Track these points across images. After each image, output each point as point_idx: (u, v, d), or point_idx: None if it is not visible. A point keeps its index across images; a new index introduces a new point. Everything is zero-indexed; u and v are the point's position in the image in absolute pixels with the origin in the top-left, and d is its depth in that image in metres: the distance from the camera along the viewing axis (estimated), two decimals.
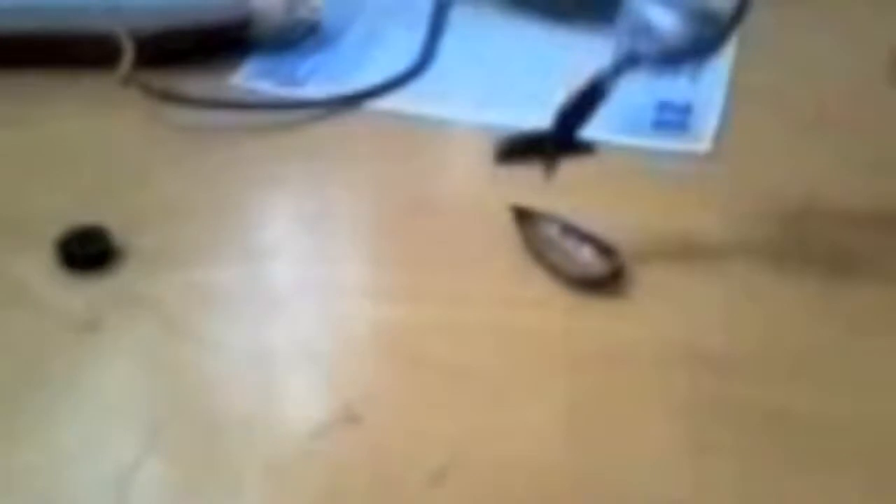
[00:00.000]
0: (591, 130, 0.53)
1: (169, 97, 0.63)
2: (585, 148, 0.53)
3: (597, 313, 0.51)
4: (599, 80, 0.49)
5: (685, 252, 0.54)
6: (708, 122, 0.62)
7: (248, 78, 0.67)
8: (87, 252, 0.53)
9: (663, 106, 0.63)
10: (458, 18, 0.72)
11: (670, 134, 0.62)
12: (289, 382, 0.49)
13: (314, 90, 0.66)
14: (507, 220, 0.54)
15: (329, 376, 0.48)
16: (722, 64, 0.64)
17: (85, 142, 0.62)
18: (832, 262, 0.53)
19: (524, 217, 0.54)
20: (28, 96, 0.64)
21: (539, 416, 0.46)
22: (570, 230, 0.53)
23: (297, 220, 0.58)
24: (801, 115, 0.63)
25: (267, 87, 0.66)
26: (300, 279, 0.54)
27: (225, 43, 0.67)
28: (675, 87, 0.59)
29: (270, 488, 0.43)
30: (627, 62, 0.48)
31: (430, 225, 0.56)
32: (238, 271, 0.53)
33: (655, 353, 0.49)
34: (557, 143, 0.58)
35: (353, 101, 0.65)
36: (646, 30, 0.48)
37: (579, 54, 0.69)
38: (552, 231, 0.53)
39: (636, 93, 0.54)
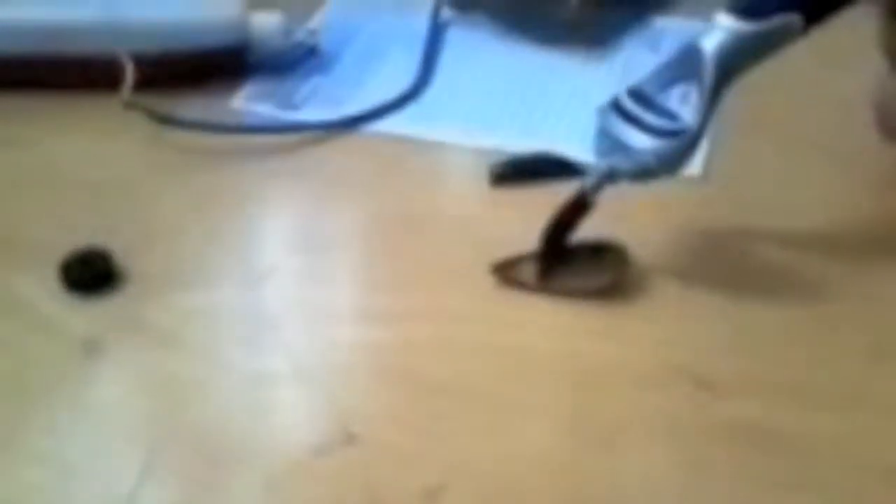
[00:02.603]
0: (586, 154, 0.54)
1: (169, 120, 0.63)
2: (580, 172, 0.54)
3: (591, 332, 0.52)
4: (583, 194, 0.53)
5: (678, 273, 0.55)
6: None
7: (248, 101, 0.68)
8: (90, 275, 0.53)
9: None
10: (455, 42, 0.73)
11: None
12: (286, 403, 0.49)
13: (312, 113, 0.67)
14: (502, 241, 0.55)
15: (326, 396, 0.49)
16: None
17: (87, 164, 0.62)
18: (824, 284, 0.54)
19: (507, 271, 0.54)
20: (30, 119, 0.65)
21: (533, 434, 0.47)
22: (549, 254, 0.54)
23: (295, 242, 0.59)
24: (791, 138, 0.64)
25: (266, 110, 0.67)
26: (298, 300, 0.54)
27: (224, 66, 0.68)
28: None
29: None
30: (607, 177, 0.53)
31: (425, 246, 0.57)
32: (237, 293, 0.54)
33: (650, 373, 0.49)
34: (551, 166, 0.59)
35: (350, 124, 0.66)
36: (622, 149, 0.52)
37: (574, 78, 0.70)
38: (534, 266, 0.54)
39: None
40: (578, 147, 0.55)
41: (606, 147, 0.53)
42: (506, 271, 0.54)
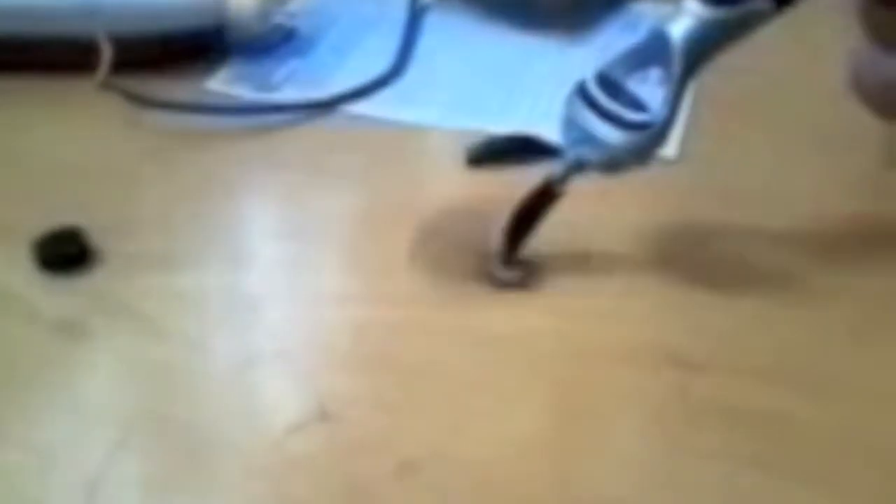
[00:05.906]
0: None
1: (146, 101, 0.63)
2: (555, 152, 0.54)
3: (572, 315, 0.52)
4: (550, 185, 0.53)
5: (657, 254, 0.55)
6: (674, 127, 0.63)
7: (225, 82, 0.68)
8: (64, 253, 0.53)
9: None
10: (433, 25, 0.73)
11: None
12: (264, 384, 0.49)
13: (290, 95, 0.67)
14: (480, 223, 0.55)
15: (304, 377, 0.49)
16: None
17: (62, 146, 0.62)
18: (803, 269, 0.54)
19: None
20: (3, 100, 0.65)
21: (513, 416, 0.47)
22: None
23: (273, 224, 0.59)
24: (769, 121, 0.64)
25: (243, 92, 0.67)
26: (277, 282, 0.54)
27: (202, 48, 0.68)
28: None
29: (245, 486, 0.44)
30: (575, 168, 0.52)
31: (405, 228, 0.57)
32: (215, 274, 0.54)
33: (630, 355, 0.49)
34: (527, 147, 0.59)
35: (328, 105, 0.66)
36: (590, 140, 0.52)
37: (552, 62, 0.71)
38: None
39: None
40: (556, 129, 0.55)
41: (574, 138, 0.52)
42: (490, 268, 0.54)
